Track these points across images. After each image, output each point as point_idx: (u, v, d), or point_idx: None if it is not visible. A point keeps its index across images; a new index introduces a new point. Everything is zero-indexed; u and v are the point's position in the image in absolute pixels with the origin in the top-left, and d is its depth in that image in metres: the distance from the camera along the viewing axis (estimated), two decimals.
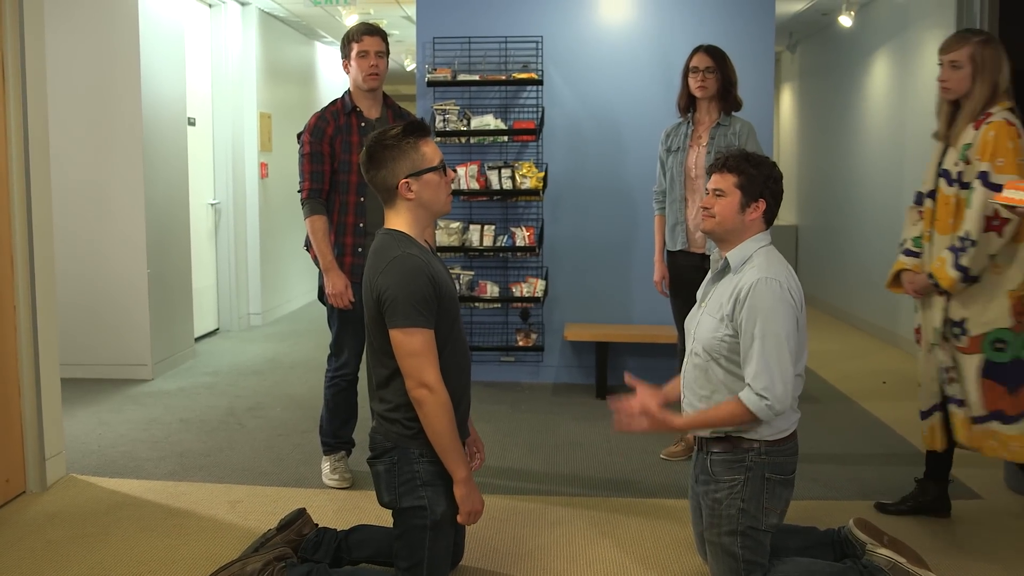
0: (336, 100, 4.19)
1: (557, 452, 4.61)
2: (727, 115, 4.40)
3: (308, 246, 4.15)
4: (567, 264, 6.13)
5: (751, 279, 2.92)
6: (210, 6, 8.04)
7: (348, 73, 4.16)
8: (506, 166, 5.78)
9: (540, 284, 5.89)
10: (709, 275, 3.21)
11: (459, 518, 2.94)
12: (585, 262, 6.10)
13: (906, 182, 7.40)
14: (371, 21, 3.98)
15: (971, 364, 3.50)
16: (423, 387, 2.83)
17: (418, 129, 2.98)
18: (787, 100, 11.41)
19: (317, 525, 3.26)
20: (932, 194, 3.66)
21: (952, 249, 3.48)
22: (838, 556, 3.18)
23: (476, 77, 5.83)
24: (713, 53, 4.37)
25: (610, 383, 5.87)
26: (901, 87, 7.54)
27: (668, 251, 4.61)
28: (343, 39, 4.15)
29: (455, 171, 2.80)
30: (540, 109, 5.95)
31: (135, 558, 3.35)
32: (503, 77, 5.84)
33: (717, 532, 2.97)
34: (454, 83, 5.86)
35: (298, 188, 4.12)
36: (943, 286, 3.51)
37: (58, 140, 5.65)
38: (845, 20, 8.57)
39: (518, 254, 5.89)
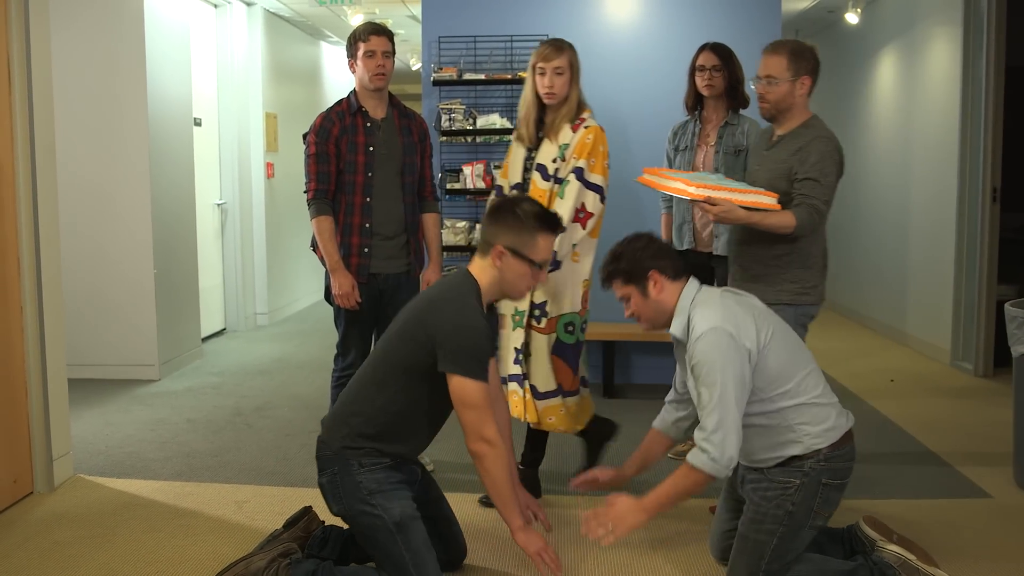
0: (342, 100, 4.18)
1: (564, 451, 4.60)
2: (735, 113, 4.38)
3: (314, 246, 4.15)
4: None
5: (694, 340, 2.89)
6: (215, 6, 8.04)
7: (354, 73, 4.15)
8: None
9: None
10: (676, 352, 3.18)
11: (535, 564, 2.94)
12: (598, 254, 6.07)
13: (913, 179, 7.38)
14: (377, 20, 3.97)
15: (544, 343, 3.79)
16: (484, 442, 2.86)
17: (549, 222, 3.04)
18: None
19: (324, 522, 3.26)
20: (518, 187, 3.87)
21: None
22: (848, 553, 3.17)
23: (482, 76, 5.81)
24: (719, 51, 4.36)
25: (617, 381, 5.86)
26: (908, 84, 7.52)
27: (675, 250, 4.59)
28: (349, 38, 4.14)
29: (536, 266, 2.95)
30: None
31: (142, 558, 3.35)
32: (509, 76, 5.82)
33: (756, 528, 2.93)
34: (460, 82, 5.85)
35: (304, 189, 4.11)
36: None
37: (64, 141, 5.66)
38: (851, 17, 8.54)
39: None
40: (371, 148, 4.06)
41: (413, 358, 2.96)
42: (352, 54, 4.12)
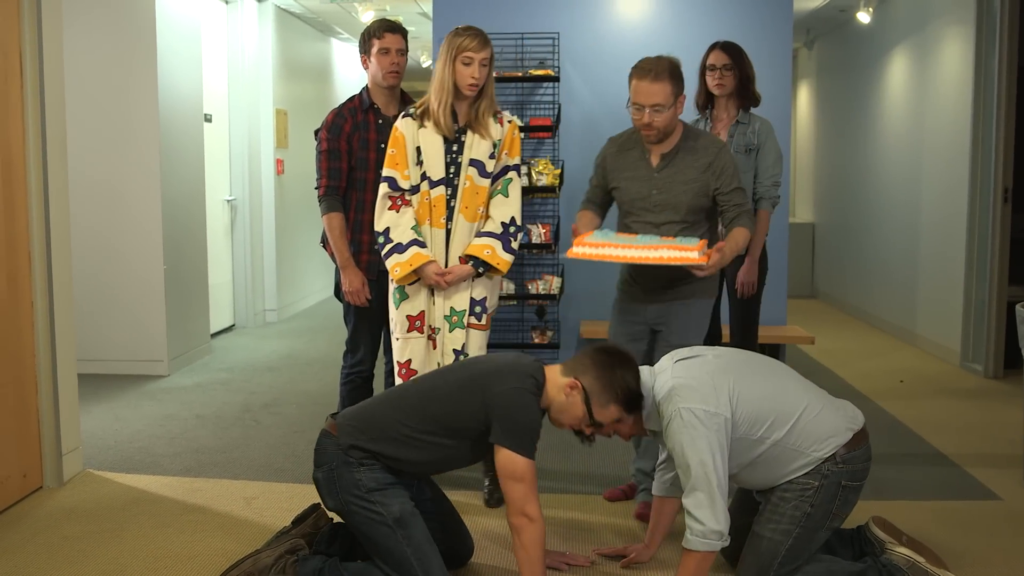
0: (354, 96, 4.17)
1: (572, 450, 4.60)
2: (746, 112, 4.37)
3: (325, 243, 4.15)
4: (583, 261, 6.08)
5: (665, 427, 2.90)
6: (226, 3, 8.05)
7: (367, 69, 4.14)
8: (522, 163, 5.75)
9: (556, 281, 5.87)
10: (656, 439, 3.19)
11: None
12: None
13: (924, 179, 7.35)
14: (388, 17, 3.95)
15: (482, 340, 3.82)
16: (525, 517, 2.84)
17: (632, 403, 2.98)
18: (804, 97, 11.35)
19: (332, 519, 3.26)
20: (443, 182, 3.72)
21: (500, 236, 3.74)
22: (857, 554, 3.17)
23: (492, 73, 5.80)
24: (729, 50, 4.34)
25: None
26: (920, 84, 7.49)
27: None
28: (363, 35, 4.13)
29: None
30: (556, 106, 5.93)
31: (151, 554, 3.36)
32: (519, 74, 5.82)
33: (772, 528, 2.92)
34: None
35: (315, 185, 4.11)
36: (502, 270, 3.76)
37: (75, 137, 5.67)
38: (863, 16, 8.52)
39: (534, 251, 5.87)
40: (382, 145, 4.04)
41: (461, 421, 2.95)
42: (366, 50, 4.11)
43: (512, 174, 3.81)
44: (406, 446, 2.96)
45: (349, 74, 11.20)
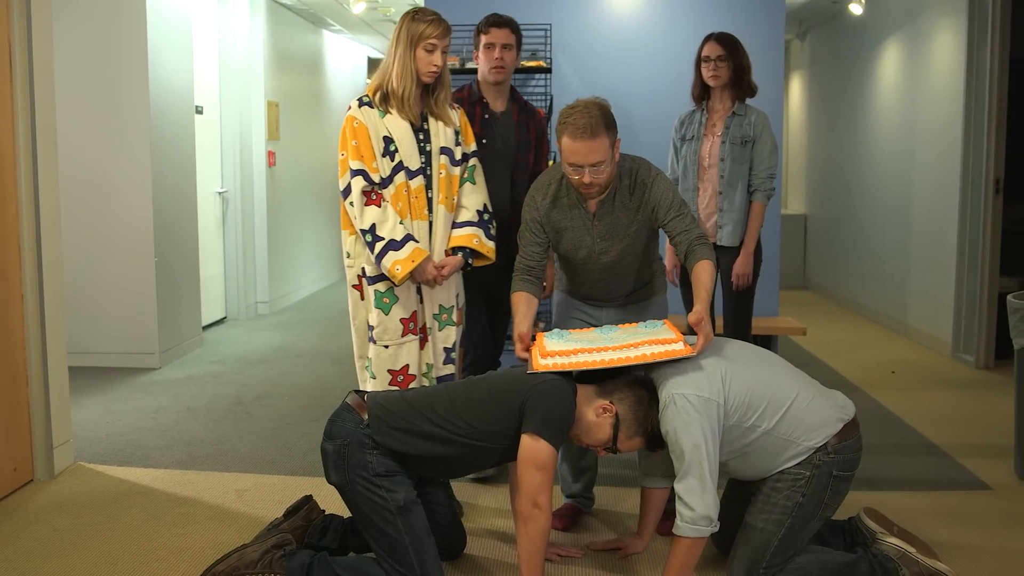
0: (463, 86, 4.04)
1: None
2: (742, 103, 4.36)
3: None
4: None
5: (661, 412, 2.89)
6: None
7: (477, 64, 4.05)
8: None
9: (540, 291, 5.84)
10: None
11: None
12: None
13: (916, 170, 7.36)
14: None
15: (459, 333, 3.74)
16: (536, 506, 2.82)
17: (653, 443, 2.95)
18: (796, 89, 11.35)
19: (324, 512, 3.25)
20: (420, 171, 3.53)
21: (479, 224, 3.65)
22: (848, 545, 3.17)
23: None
24: (724, 41, 4.33)
25: None
26: (912, 75, 7.50)
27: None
28: (475, 29, 4.05)
29: None
30: (549, 97, 5.92)
31: (142, 546, 3.35)
32: None
33: (765, 518, 2.93)
34: (463, 71, 5.82)
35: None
36: (491, 258, 3.69)
37: (65, 129, 5.65)
38: (855, 8, 8.51)
39: None
40: (484, 140, 3.94)
41: (493, 422, 2.93)
42: (475, 45, 4.03)
43: (474, 161, 3.72)
44: (429, 442, 2.93)
45: (341, 66, 11.17)
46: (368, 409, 2.97)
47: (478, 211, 3.67)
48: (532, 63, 5.78)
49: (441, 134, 3.59)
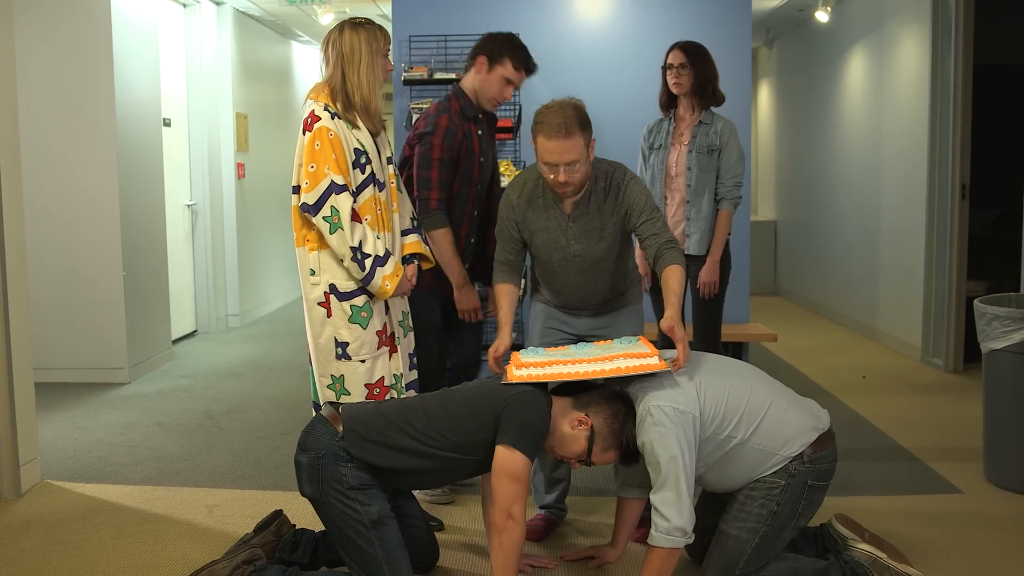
0: (451, 100, 3.91)
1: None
2: (708, 112, 4.38)
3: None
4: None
5: (639, 425, 2.89)
6: (184, 5, 7.97)
7: (477, 74, 3.89)
8: None
9: (520, 281, 5.85)
10: None
11: None
12: None
13: (883, 176, 7.42)
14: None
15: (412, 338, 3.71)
16: (510, 517, 2.81)
17: (629, 458, 2.97)
18: (764, 96, 11.43)
19: (295, 526, 3.23)
20: (383, 183, 3.52)
21: (418, 231, 3.68)
22: (820, 552, 3.18)
23: (453, 75, 5.79)
24: (687, 49, 4.34)
25: None
26: (878, 82, 7.56)
27: None
28: (498, 43, 3.90)
29: None
30: (517, 107, 5.93)
31: (112, 564, 3.31)
32: None
33: (739, 526, 2.93)
34: (431, 81, 5.83)
35: (421, 197, 3.79)
36: (432, 261, 3.75)
37: (29, 141, 5.59)
38: (822, 15, 8.59)
39: None
40: (482, 159, 3.93)
41: (468, 433, 2.91)
42: (495, 63, 3.87)
43: (393, 167, 3.61)
44: (404, 455, 2.91)
45: (310, 77, 11.13)
46: (343, 422, 2.95)
47: (411, 218, 3.67)
48: None
49: (385, 142, 3.58)
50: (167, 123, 7.41)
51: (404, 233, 3.61)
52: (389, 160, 3.56)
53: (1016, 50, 7.33)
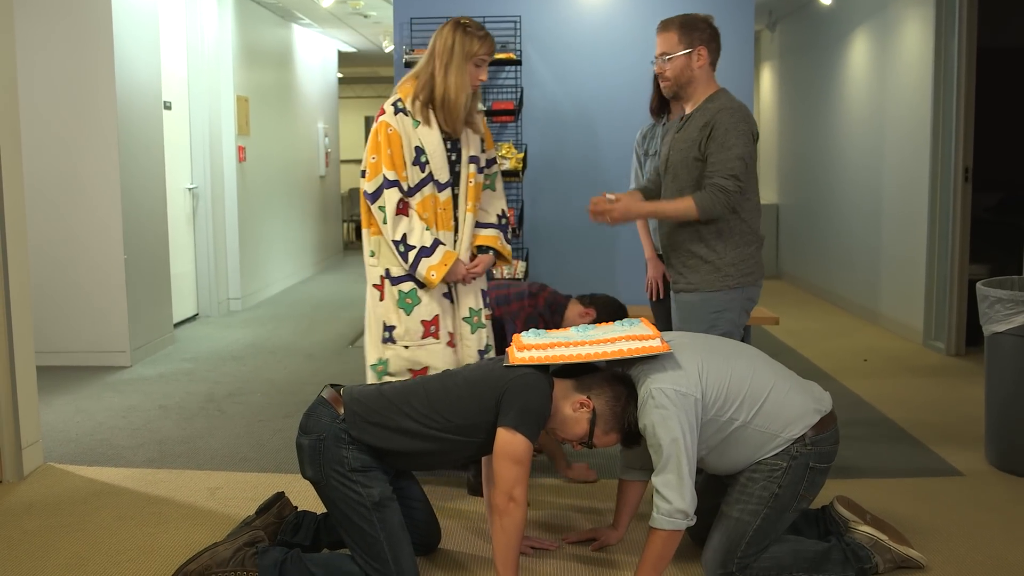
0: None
1: None
2: None
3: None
4: (548, 245, 6.11)
5: (640, 408, 2.88)
6: None
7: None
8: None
9: (521, 265, 5.86)
10: None
11: None
12: (567, 243, 6.08)
13: (886, 159, 7.40)
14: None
15: (487, 334, 3.77)
16: (512, 500, 2.81)
17: (631, 440, 2.97)
18: (767, 79, 11.39)
19: (296, 508, 3.23)
20: (449, 184, 3.60)
21: (500, 227, 3.79)
22: (821, 534, 3.19)
23: None
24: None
25: None
26: (881, 65, 7.53)
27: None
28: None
29: None
30: (519, 90, 5.91)
31: (113, 547, 3.32)
32: None
33: (741, 508, 2.93)
34: None
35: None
36: (511, 259, 3.86)
37: (30, 126, 5.58)
38: None
39: None
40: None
41: (470, 415, 2.91)
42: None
43: (496, 167, 3.83)
44: (406, 437, 2.91)
45: (311, 60, 11.11)
46: (344, 404, 2.96)
47: (498, 215, 3.80)
48: (502, 55, 5.76)
49: (470, 143, 3.65)
50: (168, 106, 7.39)
51: (482, 226, 3.73)
52: (472, 159, 3.64)
53: (1019, 34, 7.31)
